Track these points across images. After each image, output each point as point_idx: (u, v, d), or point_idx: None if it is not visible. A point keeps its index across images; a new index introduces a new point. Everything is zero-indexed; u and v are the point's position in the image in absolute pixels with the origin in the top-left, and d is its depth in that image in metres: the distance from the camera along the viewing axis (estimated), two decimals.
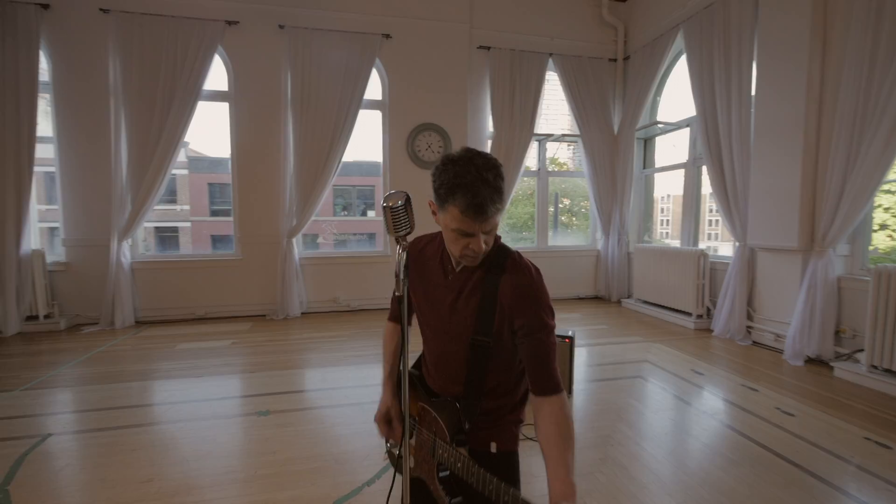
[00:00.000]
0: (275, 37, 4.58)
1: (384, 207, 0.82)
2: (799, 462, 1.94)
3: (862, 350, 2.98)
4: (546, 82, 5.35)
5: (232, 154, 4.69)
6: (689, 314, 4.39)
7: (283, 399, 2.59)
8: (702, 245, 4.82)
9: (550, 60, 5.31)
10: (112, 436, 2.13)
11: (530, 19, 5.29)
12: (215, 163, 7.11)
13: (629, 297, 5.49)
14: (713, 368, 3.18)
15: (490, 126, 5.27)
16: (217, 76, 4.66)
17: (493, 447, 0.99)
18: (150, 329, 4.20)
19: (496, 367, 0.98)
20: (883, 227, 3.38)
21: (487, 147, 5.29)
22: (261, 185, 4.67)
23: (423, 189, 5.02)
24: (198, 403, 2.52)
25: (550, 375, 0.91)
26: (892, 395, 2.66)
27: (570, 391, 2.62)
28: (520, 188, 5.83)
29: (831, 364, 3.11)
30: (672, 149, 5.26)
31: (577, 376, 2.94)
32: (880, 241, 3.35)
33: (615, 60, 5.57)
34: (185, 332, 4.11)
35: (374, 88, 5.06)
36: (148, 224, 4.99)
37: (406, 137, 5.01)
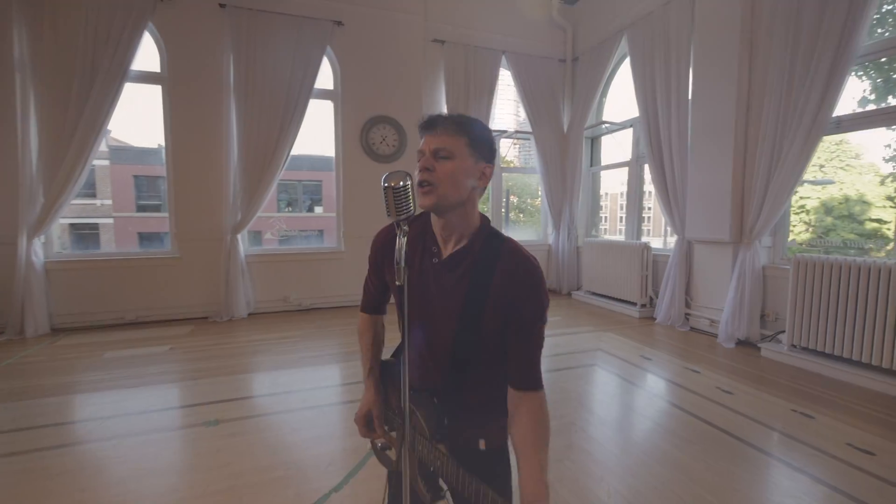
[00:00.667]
0: (215, 16, 4.23)
1: (385, 188, 0.75)
2: (741, 436, 2.11)
3: (783, 331, 3.31)
4: (500, 80, 5.42)
5: (166, 143, 4.28)
6: (634, 304, 4.66)
7: (232, 406, 2.40)
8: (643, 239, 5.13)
9: (504, 58, 5.38)
10: (29, 460, 1.86)
11: (484, 16, 5.32)
12: (143, 153, 6.48)
13: (579, 289, 5.72)
14: (659, 354, 3.39)
15: None
16: (149, 56, 4.23)
17: (482, 444, 0.95)
18: (70, 337, 3.73)
19: (483, 360, 0.92)
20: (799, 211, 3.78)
21: None
22: (200, 177, 4.31)
23: (378, 182, 4.91)
24: (133, 417, 2.26)
25: (534, 370, 0.88)
26: (810, 370, 2.98)
27: None
28: None
29: (758, 345, 3.43)
30: (617, 147, 5.55)
31: None
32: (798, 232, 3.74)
33: (564, 61, 5.76)
34: (112, 338, 3.70)
35: (326, 77, 4.85)
36: (63, 220, 4.44)
37: (360, 130, 4.85)
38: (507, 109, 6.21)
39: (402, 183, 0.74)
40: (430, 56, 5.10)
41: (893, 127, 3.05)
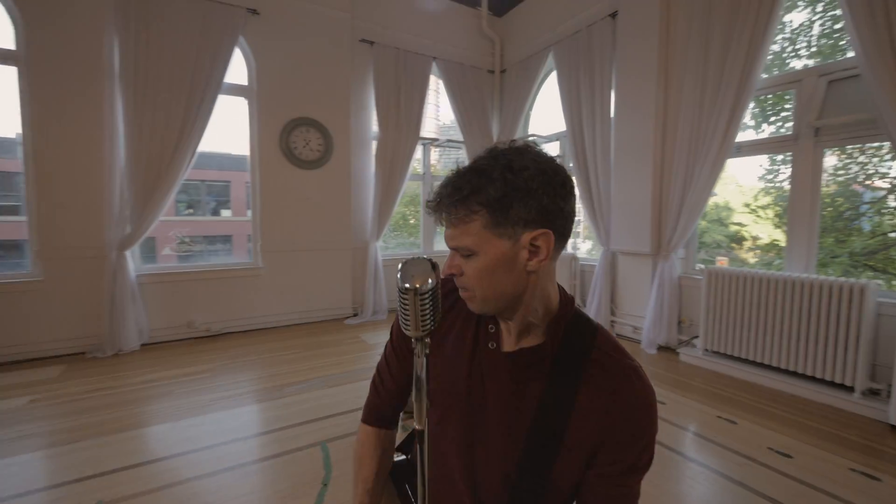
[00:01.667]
0: None
1: (407, 289, 0.50)
2: (667, 443, 2.19)
3: (697, 336, 3.61)
4: (431, 87, 5.28)
5: (25, 139, 3.43)
6: None
7: (124, 479, 1.91)
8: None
9: (434, 64, 5.25)
10: None
11: (414, 20, 5.15)
12: None
13: None
14: None
15: (375, 126, 4.96)
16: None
17: None
18: None
19: None
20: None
21: (372, 148, 4.98)
22: (73, 180, 3.53)
23: (301, 191, 4.49)
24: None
25: None
26: (722, 373, 3.27)
27: None
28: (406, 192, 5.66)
29: (677, 350, 3.70)
30: None
31: None
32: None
33: (493, 72, 5.80)
34: None
35: (239, 72, 4.29)
36: None
37: (279, 131, 4.37)
38: (428, 114, 6.08)
39: (430, 282, 0.50)
40: (358, 57, 4.79)
41: (784, 155, 3.47)
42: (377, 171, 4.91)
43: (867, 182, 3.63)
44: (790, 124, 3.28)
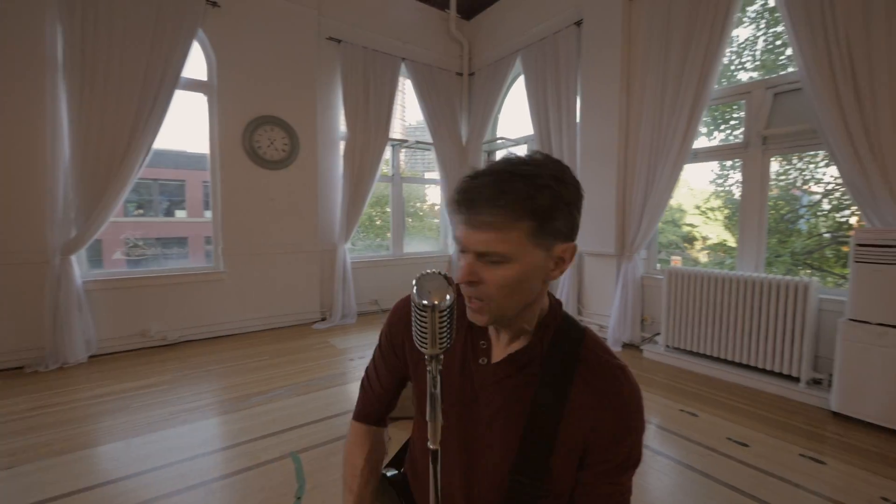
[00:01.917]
0: None
1: (425, 306, 0.48)
2: (662, 450, 2.27)
3: (659, 333, 3.78)
4: (402, 93, 5.24)
5: None
6: None
7: (77, 503, 1.77)
8: None
9: (403, 65, 5.22)
10: None
11: (382, 19, 5.09)
12: None
13: None
14: None
15: (343, 126, 4.86)
16: None
17: None
18: None
19: None
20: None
21: (340, 148, 4.88)
22: (8, 179, 3.23)
23: (266, 191, 4.33)
24: None
25: None
26: (682, 368, 3.44)
27: None
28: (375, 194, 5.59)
29: (640, 347, 3.86)
30: None
31: None
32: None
33: (462, 74, 5.84)
34: None
35: (199, 66, 4.09)
36: None
37: (242, 129, 4.19)
38: (395, 115, 6.06)
39: (448, 298, 0.48)
40: (325, 55, 4.68)
41: (733, 161, 3.69)
42: (345, 171, 4.82)
43: (804, 187, 3.95)
44: (738, 132, 3.50)
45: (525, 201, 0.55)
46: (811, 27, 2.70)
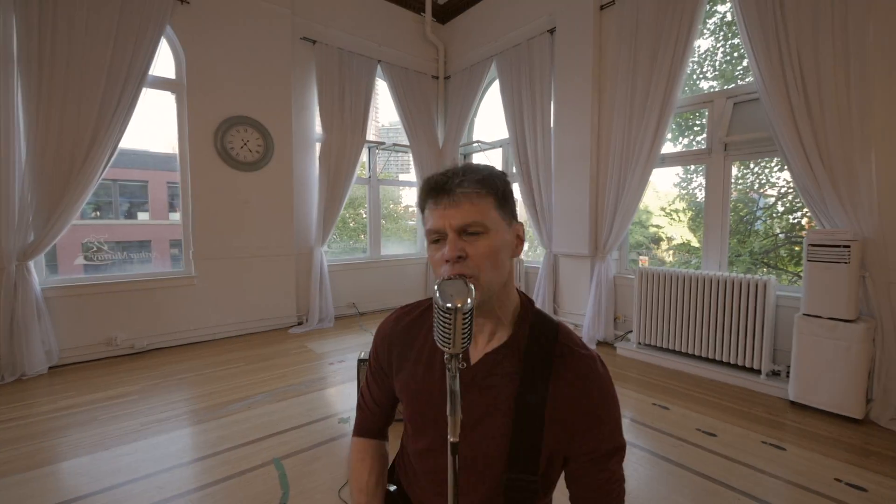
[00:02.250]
0: None
1: (450, 309, 0.50)
2: (636, 442, 2.36)
3: (631, 331, 3.93)
4: (376, 94, 5.23)
5: None
6: None
7: None
8: None
9: (380, 67, 5.21)
10: None
11: (358, 20, 5.07)
12: None
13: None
14: None
15: (319, 127, 4.80)
16: None
17: None
18: None
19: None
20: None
21: (317, 150, 4.82)
22: None
23: (239, 193, 4.22)
24: None
25: None
26: (654, 363, 3.59)
27: None
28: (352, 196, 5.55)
29: (614, 345, 4.00)
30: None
31: None
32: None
33: (437, 78, 5.88)
34: None
35: (167, 64, 3.95)
36: None
37: (214, 130, 4.08)
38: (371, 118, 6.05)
39: (469, 302, 0.51)
40: (299, 55, 4.61)
41: (696, 165, 3.89)
42: (321, 173, 4.76)
43: (761, 191, 4.20)
44: (701, 138, 3.69)
45: (487, 180, 0.66)
46: (766, 42, 2.89)
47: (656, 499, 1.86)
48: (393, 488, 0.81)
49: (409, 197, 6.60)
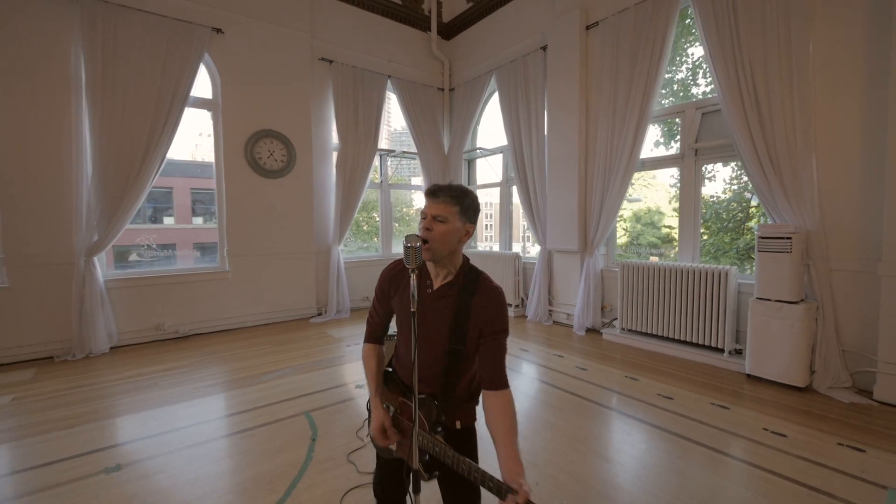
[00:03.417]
0: (57, 5, 3.63)
1: (408, 247, 0.99)
2: (595, 400, 2.82)
3: (616, 318, 4.34)
4: (386, 102, 5.75)
5: None
6: (509, 305, 5.44)
7: (136, 448, 2.21)
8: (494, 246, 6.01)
9: (389, 82, 5.73)
10: None
11: (370, 40, 5.60)
12: None
13: None
14: (532, 345, 4.11)
15: (335, 138, 5.35)
16: None
17: (458, 424, 1.20)
18: None
19: (466, 368, 1.19)
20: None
21: (334, 158, 5.36)
22: (39, 190, 3.62)
23: (266, 198, 4.76)
24: (17, 476, 1.93)
25: (502, 373, 1.13)
26: (635, 346, 4.00)
27: None
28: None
29: (601, 331, 4.42)
30: (490, 169, 6.36)
31: None
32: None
33: (443, 90, 6.38)
34: None
35: (204, 86, 4.53)
36: None
37: (244, 142, 4.65)
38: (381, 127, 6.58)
39: (418, 244, 1.00)
40: (318, 74, 5.16)
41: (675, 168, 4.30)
42: (338, 179, 5.29)
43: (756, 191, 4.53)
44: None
45: (458, 196, 1.14)
46: (724, 58, 3.31)
47: (615, 441, 2.30)
48: (390, 369, 1.31)
49: (420, 201, 7.11)
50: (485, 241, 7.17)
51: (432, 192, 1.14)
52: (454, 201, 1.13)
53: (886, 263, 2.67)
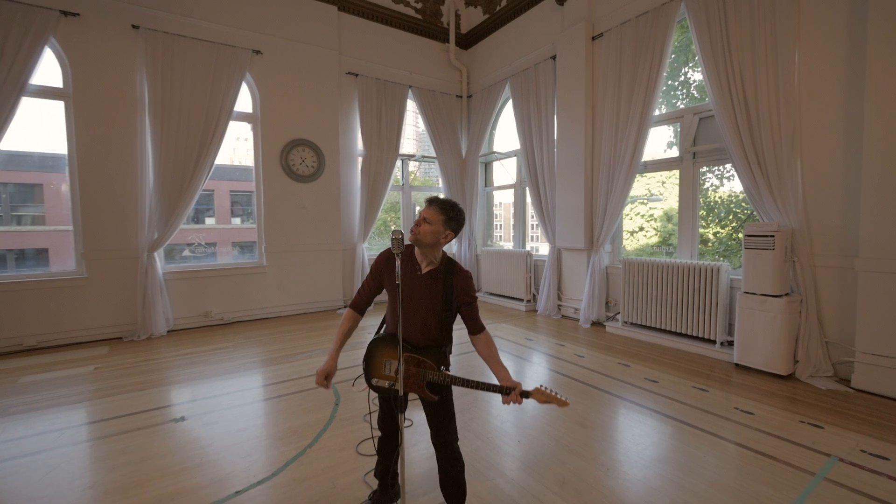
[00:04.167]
0: (126, 36, 4.26)
1: (394, 239, 1.38)
2: (584, 381, 3.13)
3: (619, 312, 4.60)
4: (407, 110, 6.19)
5: (70, 161, 4.16)
6: (521, 300, 5.76)
7: (195, 406, 2.72)
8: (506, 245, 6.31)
9: (410, 91, 6.17)
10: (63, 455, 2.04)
11: (392, 54, 6.05)
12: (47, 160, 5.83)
13: (479, 290, 6.72)
14: (538, 335, 4.43)
15: (360, 145, 5.83)
16: (49, 71, 4.09)
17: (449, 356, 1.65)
18: None
19: (450, 325, 1.62)
20: (633, 232, 5.22)
21: (358, 164, 5.85)
22: (111, 194, 4.27)
23: (298, 200, 5.29)
24: (109, 422, 2.47)
25: (479, 323, 1.60)
26: (636, 338, 4.26)
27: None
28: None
29: (604, 324, 4.69)
30: (504, 172, 6.69)
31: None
32: (633, 241, 5.16)
33: (461, 97, 6.76)
34: (16, 365, 3.54)
35: (245, 101, 5.10)
36: None
37: (280, 151, 5.19)
38: (407, 135, 7.02)
39: (401, 236, 1.40)
40: (345, 87, 5.66)
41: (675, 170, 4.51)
42: (363, 183, 5.77)
43: None
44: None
45: (445, 210, 1.53)
46: (717, 66, 3.53)
47: (593, 412, 2.62)
48: (382, 333, 1.70)
49: None
50: (497, 240, 7.50)
51: (429, 201, 1.56)
52: (442, 212, 1.53)
53: (862, 259, 2.85)
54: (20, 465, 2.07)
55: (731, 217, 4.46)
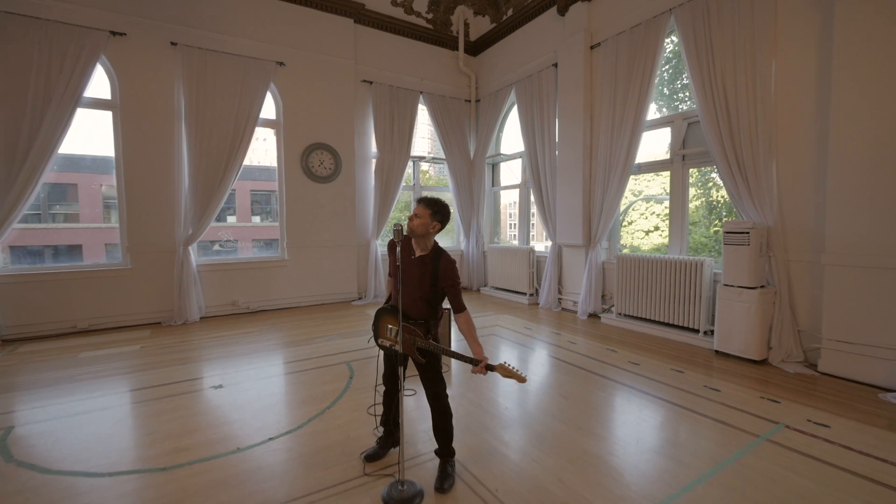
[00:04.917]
0: (166, 52, 4.75)
1: (395, 230, 1.77)
2: (572, 362, 3.47)
3: (613, 305, 4.90)
4: (418, 114, 6.58)
5: (118, 165, 4.67)
6: (524, 294, 6.10)
7: (229, 376, 3.16)
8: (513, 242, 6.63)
9: (421, 97, 6.55)
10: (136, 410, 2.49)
11: (404, 62, 6.45)
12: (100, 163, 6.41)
13: (485, 285, 7.07)
14: (539, 326, 4.77)
15: (374, 147, 6.24)
16: (99, 85, 4.61)
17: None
18: (26, 345, 3.99)
19: (438, 303, 1.97)
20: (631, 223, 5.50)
21: (372, 165, 6.27)
22: (152, 194, 4.76)
23: (316, 200, 5.73)
24: (159, 388, 2.92)
25: (460, 303, 1.93)
26: (628, 329, 4.56)
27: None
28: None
29: (600, 315, 4.99)
30: (510, 173, 7.02)
31: (454, 336, 4.16)
32: (648, 241, 5.45)
33: (470, 101, 7.12)
34: (74, 343, 4.05)
35: (269, 108, 5.56)
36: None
37: (300, 154, 5.64)
38: (422, 134, 7.39)
39: (401, 227, 1.78)
40: (360, 94, 6.07)
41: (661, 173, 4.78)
42: (376, 183, 6.18)
43: None
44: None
45: (430, 206, 1.91)
46: (702, 75, 3.81)
47: (575, 386, 2.96)
48: (388, 305, 2.08)
49: (449, 201, 7.88)
50: (511, 238, 7.83)
51: (419, 200, 1.94)
52: (428, 207, 1.91)
53: (828, 254, 3.12)
54: (93, 417, 2.52)
55: (731, 216, 4.69)
